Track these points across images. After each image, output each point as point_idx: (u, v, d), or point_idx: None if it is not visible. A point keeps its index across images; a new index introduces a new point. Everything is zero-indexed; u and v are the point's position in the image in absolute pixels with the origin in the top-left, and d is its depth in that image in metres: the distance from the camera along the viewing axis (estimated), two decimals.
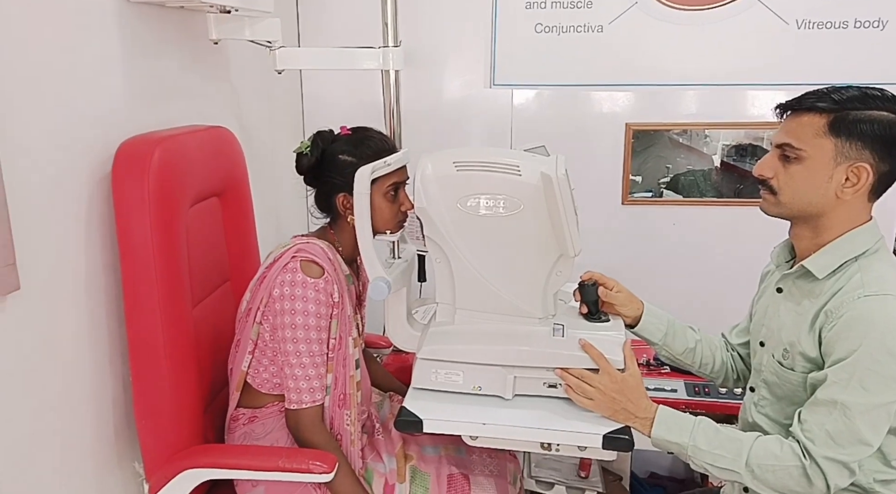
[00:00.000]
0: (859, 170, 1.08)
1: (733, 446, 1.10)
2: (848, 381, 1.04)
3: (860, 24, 2.02)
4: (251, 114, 1.89)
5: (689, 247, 2.26)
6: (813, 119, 1.10)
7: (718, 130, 2.18)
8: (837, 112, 1.08)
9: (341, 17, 2.18)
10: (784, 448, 1.08)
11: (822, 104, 1.09)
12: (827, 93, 1.10)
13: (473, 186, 1.17)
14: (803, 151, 1.10)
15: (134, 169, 1.18)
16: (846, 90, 1.09)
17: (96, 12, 1.22)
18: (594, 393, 1.17)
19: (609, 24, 2.11)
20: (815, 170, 1.10)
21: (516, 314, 1.25)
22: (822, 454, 1.04)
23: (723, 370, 1.41)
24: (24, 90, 1.04)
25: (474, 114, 2.26)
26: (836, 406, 1.04)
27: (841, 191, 1.09)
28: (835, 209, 1.11)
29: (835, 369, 1.05)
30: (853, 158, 1.08)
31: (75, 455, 1.20)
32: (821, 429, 1.05)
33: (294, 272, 1.24)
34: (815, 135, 1.09)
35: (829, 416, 1.05)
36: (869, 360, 1.02)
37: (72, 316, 1.17)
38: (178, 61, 1.50)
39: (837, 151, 1.08)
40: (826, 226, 1.13)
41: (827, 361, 1.08)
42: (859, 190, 1.09)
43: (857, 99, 1.08)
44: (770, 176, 1.15)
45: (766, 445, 1.09)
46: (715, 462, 1.11)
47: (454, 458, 1.41)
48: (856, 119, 1.07)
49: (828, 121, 1.08)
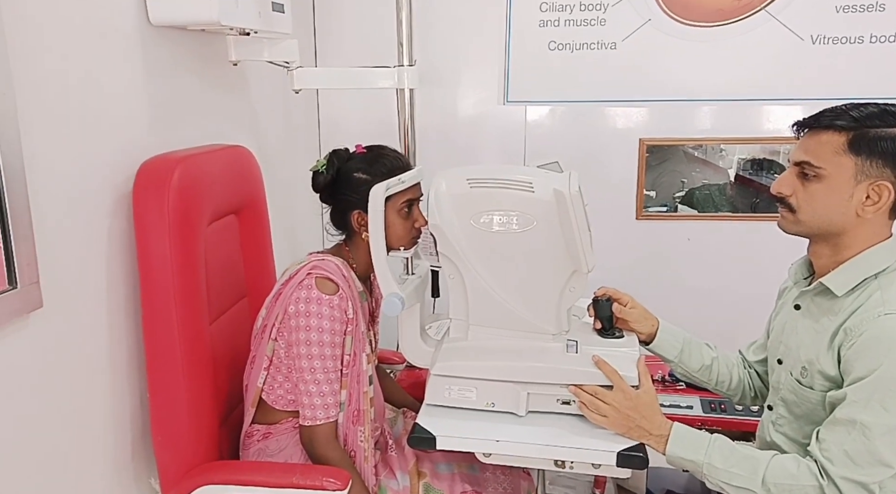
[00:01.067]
0: (880, 188, 1.06)
1: (749, 464, 1.09)
2: (868, 401, 1.02)
3: (875, 38, 2.01)
4: (269, 133, 1.92)
5: (705, 262, 2.24)
6: (832, 137, 1.08)
7: (734, 145, 2.18)
8: (857, 129, 1.07)
9: (357, 37, 2.22)
10: (801, 467, 1.06)
11: (841, 122, 1.07)
12: (845, 110, 1.09)
13: (487, 203, 1.18)
14: (823, 170, 1.08)
15: (154, 188, 1.21)
16: (865, 107, 1.08)
17: (119, 35, 1.25)
18: (608, 410, 1.16)
19: (622, 41, 2.13)
20: (834, 189, 1.08)
21: (530, 330, 1.25)
22: (840, 474, 1.02)
23: (740, 387, 1.39)
24: (48, 111, 1.07)
25: (488, 131, 2.27)
26: (855, 425, 1.02)
27: (862, 209, 1.08)
28: (855, 227, 1.10)
29: (854, 388, 1.04)
30: (874, 176, 1.06)
31: (93, 470, 1.21)
32: (839, 449, 1.03)
33: (309, 289, 1.25)
34: (835, 153, 1.08)
35: (848, 436, 1.03)
36: (889, 380, 1.01)
37: (92, 332, 1.19)
38: (199, 82, 1.54)
39: (858, 169, 1.06)
40: (846, 244, 1.12)
41: (846, 380, 1.06)
42: (881, 208, 1.08)
43: (876, 116, 1.07)
44: (789, 194, 1.13)
45: (782, 464, 1.08)
46: (731, 481, 1.09)
47: (467, 475, 1.41)
48: (876, 136, 1.05)
49: (847, 139, 1.07)
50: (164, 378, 1.24)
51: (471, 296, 1.25)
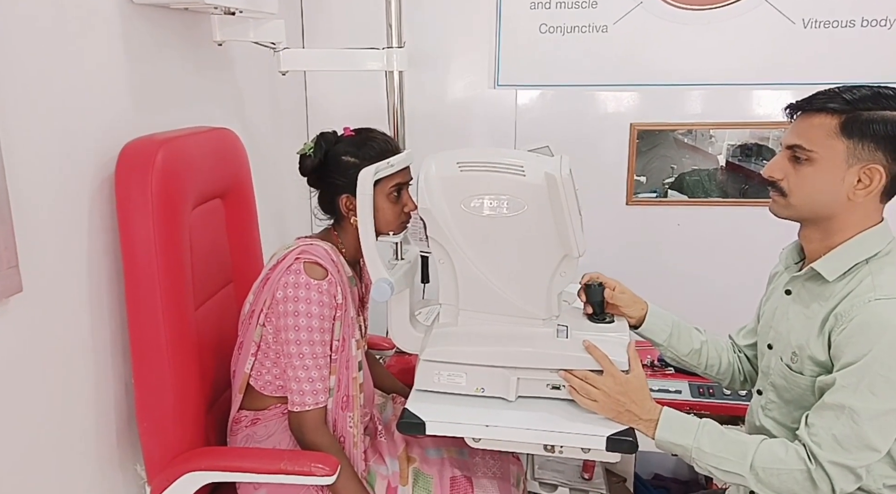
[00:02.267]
0: (872, 171, 1.06)
1: (738, 449, 1.09)
2: (857, 386, 1.02)
3: (867, 22, 2.01)
4: (255, 115, 1.89)
5: (695, 247, 2.25)
6: (824, 120, 1.07)
7: (724, 130, 2.17)
8: (849, 112, 1.06)
9: (345, 18, 2.18)
10: (789, 451, 1.06)
11: (834, 105, 1.07)
12: (838, 93, 1.08)
13: (477, 187, 1.17)
14: (814, 153, 1.08)
15: (137, 170, 1.18)
16: (858, 90, 1.07)
17: (99, 14, 1.22)
18: (598, 394, 1.16)
19: (614, 24, 2.11)
20: (826, 172, 1.08)
21: (520, 315, 1.24)
22: (828, 458, 1.03)
23: (729, 371, 1.40)
24: (27, 92, 1.04)
25: (478, 115, 2.25)
26: (843, 410, 1.03)
27: (853, 192, 1.08)
28: (846, 211, 1.09)
29: (844, 373, 1.04)
30: (866, 160, 1.06)
31: (77, 457, 1.20)
32: (828, 433, 1.04)
33: (297, 274, 1.24)
34: (827, 136, 1.07)
35: (837, 420, 1.03)
36: (879, 365, 1.01)
37: (74, 318, 1.17)
38: (182, 63, 1.50)
39: (849, 153, 1.06)
40: (837, 229, 1.11)
41: (836, 364, 1.07)
42: (872, 192, 1.07)
43: (869, 98, 1.06)
44: (780, 177, 1.13)
45: (771, 448, 1.08)
46: (719, 465, 1.10)
47: (457, 460, 1.41)
48: (868, 119, 1.05)
49: (840, 121, 1.06)
50: (149, 363, 1.22)
51: (461, 281, 1.24)
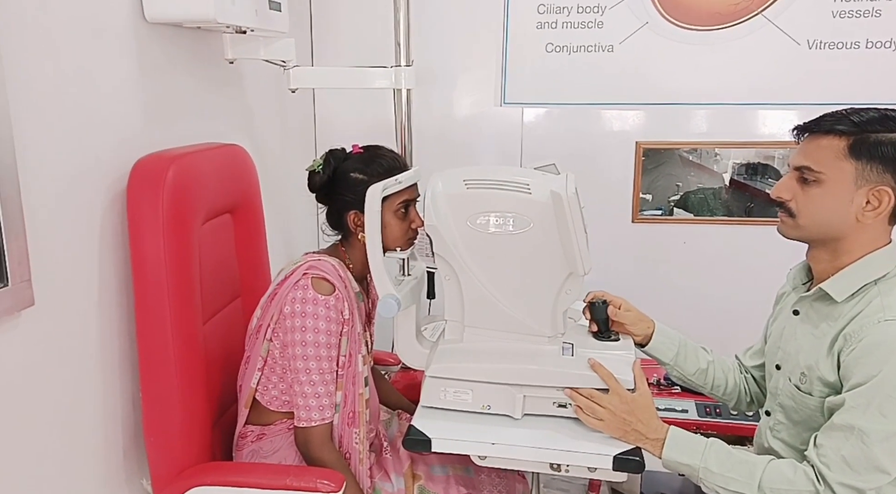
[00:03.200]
0: (881, 193, 1.06)
1: (745, 469, 1.08)
2: (867, 407, 1.01)
3: (872, 44, 2.02)
4: (265, 132, 1.91)
5: (700, 265, 2.25)
6: (832, 141, 1.08)
7: (729, 149, 2.18)
8: (857, 134, 1.06)
9: (354, 37, 2.21)
10: (798, 472, 1.06)
11: (842, 126, 1.07)
12: (846, 115, 1.08)
13: (483, 204, 1.18)
14: (823, 174, 1.08)
15: (149, 186, 1.20)
16: (866, 112, 1.08)
17: (114, 32, 1.24)
18: (604, 413, 1.15)
19: (620, 43, 2.13)
20: (834, 194, 1.08)
21: (525, 332, 1.25)
22: (837, 480, 1.02)
23: (735, 391, 1.39)
24: (41, 108, 1.06)
25: (485, 133, 2.27)
26: (853, 431, 1.02)
27: (862, 214, 1.08)
28: (855, 232, 1.09)
29: (853, 394, 1.03)
30: (874, 181, 1.06)
31: (84, 470, 1.20)
32: (837, 455, 1.03)
33: (305, 289, 1.24)
34: (836, 157, 1.07)
35: (846, 442, 1.02)
36: (889, 386, 1.00)
37: (84, 331, 1.18)
38: (194, 80, 1.53)
39: (858, 174, 1.06)
40: (845, 250, 1.11)
41: (845, 385, 1.06)
42: (881, 213, 1.07)
43: (877, 121, 1.06)
44: (788, 198, 1.13)
45: (779, 469, 1.07)
46: (727, 486, 1.09)
47: (462, 478, 1.40)
48: (876, 141, 1.05)
49: (848, 143, 1.07)
50: (157, 377, 1.23)
51: (466, 298, 1.24)
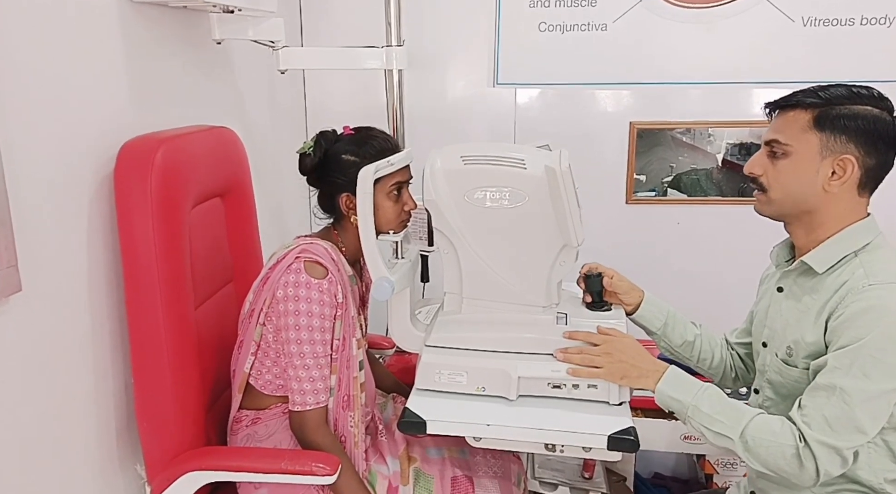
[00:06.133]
0: (844, 162, 1.09)
1: (734, 414, 1.11)
2: (850, 367, 1.03)
3: (866, 21, 2.00)
4: (254, 114, 1.88)
5: (694, 246, 2.25)
6: (798, 114, 1.12)
7: (723, 129, 2.17)
8: (822, 106, 1.10)
9: (344, 16, 2.18)
10: (784, 427, 1.08)
11: (809, 99, 1.11)
12: (814, 90, 1.13)
13: (480, 179, 1.20)
14: (790, 146, 1.12)
15: (136, 169, 1.18)
16: (834, 88, 1.12)
17: (98, 12, 1.21)
18: (600, 360, 1.19)
19: (613, 22, 2.10)
20: (801, 164, 1.12)
21: (522, 302, 1.27)
22: (816, 438, 1.04)
23: (721, 366, 1.42)
24: (26, 91, 1.04)
25: (477, 114, 2.25)
26: (835, 391, 1.04)
27: (828, 184, 1.11)
28: (825, 204, 1.13)
29: (837, 354, 1.05)
30: (839, 151, 1.09)
31: (76, 457, 1.19)
32: (818, 414, 1.05)
33: (298, 273, 1.23)
34: (801, 130, 1.11)
35: (828, 401, 1.04)
36: (874, 348, 1.02)
37: (73, 317, 1.17)
38: (181, 61, 1.50)
39: (823, 145, 1.10)
40: (819, 222, 1.14)
41: (830, 348, 1.08)
42: (845, 182, 1.10)
43: (843, 96, 1.11)
44: (760, 173, 1.17)
45: (767, 421, 1.09)
46: (711, 426, 1.11)
47: (458, 460, 1.41)
48: (840, 114, 1.09)
49: (813, 116, 1.11)
50: (149, 363, 1.22)
51: (464, 271, 1.27)
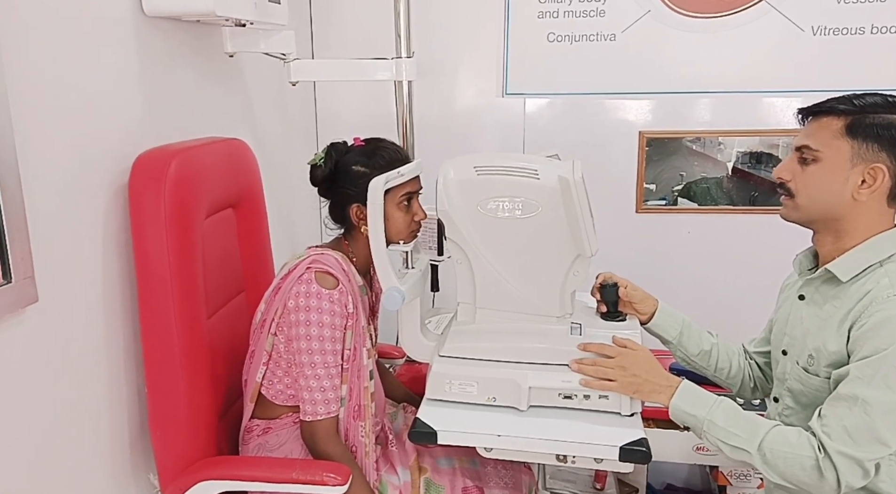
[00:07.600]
0: (875, 171, 1.08)
1: (750, 427, 1.10)
2: (872, 377, 1.02)
3: (876, 30, 2.00)
4: (266, 125, 1.90)
5: (705, 255, 2.23)
6: (831, 121, 1.11)
7: (733, 138, 2.17)
8: (856, 114, 1.09)
9: (354, 29, 2.20)
10: (801, 438, 1.06)
11: (842, 106, 1.10)
12: (848, 98, 1.12)
13: (493, 190, 1.21)
14: (820, 152, 1.11)
15: (151, 181, 1.19)
16: (869, 96, 1.11)
17: (114, 26, 1.23)
18: (613, 373, 1.18)
19: (622, 32, 2.11)
20: (831, 171, 1.11)
21: (535, 312, 1.27)
22: (836, 449, 1.03)
23: (739, 375, 1.40)
24: (42, 103, 1.06)
25: (487, 124, 2.25)
26: (856, 402, 1.03)
27: (857, 192, 1.10)
28: (853, 212, 1.11)
29: (859, 364, 1.04)
30: (870, 160, 1.08)
31: (90, 465, 1.20)
32: (839, 424, 1.04)
33: (309, 283, 1.24)
34: (833, 136, 1.10)
35: (849, 411, 1.03)
36: (895, 358, 1.01)
37: (88, 327, 1.18)
38: (194, 74, 1.52)
39: (854, 153, 1.09)
40: (846, 231, 1.13)
41: (852, 357, 1.07)
42: (875, 191, 1.09)
43: (878, 104, 1.09)
44: (788, 178, 1.16)
45: (784, 433, 1.08)
46: (728, 440, 1.10)
47: (468, 470, 1.40)
48: (873, 122, 1.08)
49: (845, 123, 1.10)
50: (162, 372, 1.23)
51: (478, 281, 1.27)
